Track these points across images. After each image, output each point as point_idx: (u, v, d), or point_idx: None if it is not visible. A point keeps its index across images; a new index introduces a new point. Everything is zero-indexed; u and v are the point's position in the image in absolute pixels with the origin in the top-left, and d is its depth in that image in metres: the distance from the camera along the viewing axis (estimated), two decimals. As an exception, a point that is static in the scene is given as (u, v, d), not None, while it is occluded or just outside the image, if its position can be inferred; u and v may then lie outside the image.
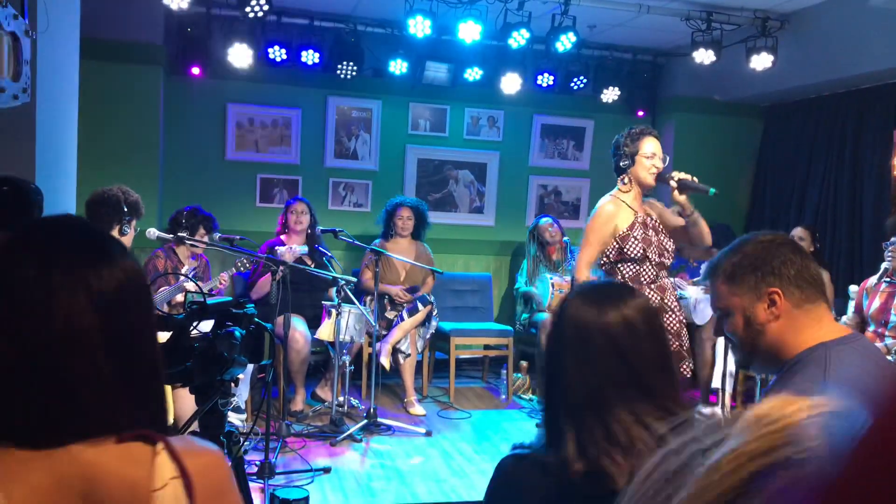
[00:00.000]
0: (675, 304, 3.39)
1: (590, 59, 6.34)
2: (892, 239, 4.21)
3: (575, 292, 1.35)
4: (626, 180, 3.41)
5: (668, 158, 3.43)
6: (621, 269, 3.33)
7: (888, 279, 4.23)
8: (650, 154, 3.35)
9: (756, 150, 6.75)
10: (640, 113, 6.69)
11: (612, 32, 6.01)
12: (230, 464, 0.97)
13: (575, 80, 6.22)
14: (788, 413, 0.49)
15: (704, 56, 5.45)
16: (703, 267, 5.75)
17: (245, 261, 4.58)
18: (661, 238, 3.38)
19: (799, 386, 1.48)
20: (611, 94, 6.30)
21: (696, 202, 3.42)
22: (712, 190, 3.26)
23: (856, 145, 5.65)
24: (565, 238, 6.05)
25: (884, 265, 4.24)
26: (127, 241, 3.60)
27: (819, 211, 5.94)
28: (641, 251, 3.29)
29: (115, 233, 3.57)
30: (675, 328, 3.32)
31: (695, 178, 3.31)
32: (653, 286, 3.32)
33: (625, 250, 3.30)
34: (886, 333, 4.19)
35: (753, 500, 0.46)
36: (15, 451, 0.86)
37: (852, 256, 5.66)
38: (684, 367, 3.32)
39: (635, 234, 3.30)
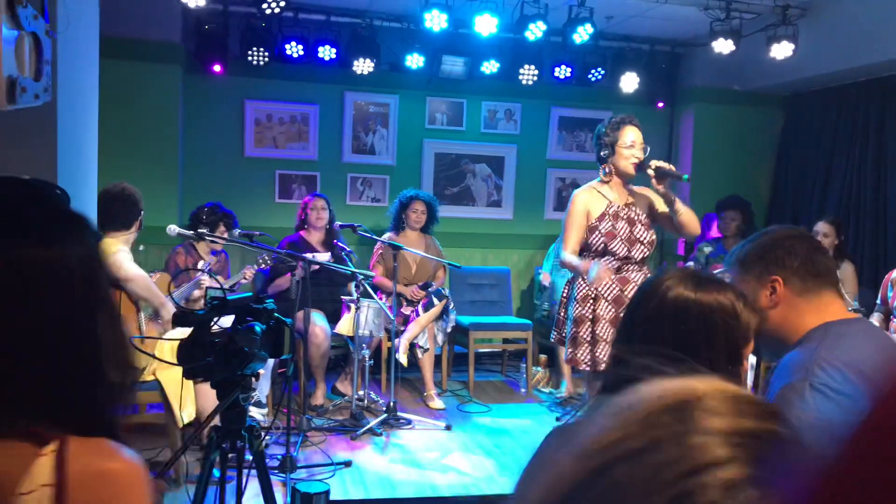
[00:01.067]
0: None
1: (607, 51, 6.30)
2: None
3: (671, 274, 1.37)
4: (606, 170, 3.48)
5: (648, 149, 3.47)
6: (585, 257, 3.44)
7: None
8: (630, 143, 3.40)
9: (777, 141, 6.68)
10: (660, 104, 6.64)
11: (630, 23, 5.96)
12: (144, 477, 0.86)
13: (592, 71, 6.18)
14: (652, 399, 0.44)
15: (724, 46, 5.40)
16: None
17: (267, 257, 4.61)
18: (637, 229, 3.43)
19: (793, 355, 1.57)
20: (629, 85, 6.26)
21: (722, 193, 3.43)
22: (685, 176, 3.34)
23: (879, 134, 5.57)
24: None
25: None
26: (132, 237, 3.64)
27: (842, 202, 5.86)
28: (602, 244, 3.39)
29: (133, 229, 3.61)
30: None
31: (672, 166, 3.34)
32: (614, 276, 3.40)
33: (589, 241, 3.40)
34: (911, 324, 4.14)
35: (595, 490, 0.42)
36: None
37: (876, 247, 5.58)
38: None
39: (601, 227, 3.40)
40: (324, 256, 4.85)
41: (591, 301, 3.41)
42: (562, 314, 3.60)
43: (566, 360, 3.55)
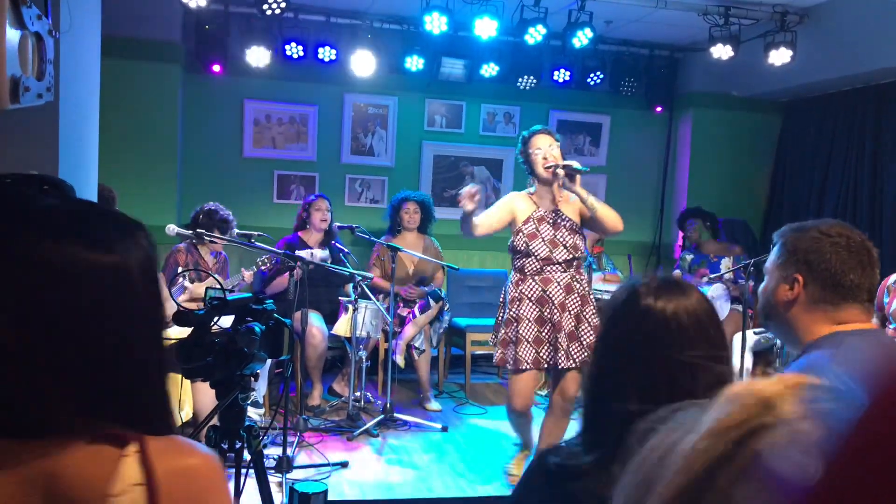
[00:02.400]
0: (561, 295, 3.56)
1: (606, 55, 6.32)
2: None
3: (638, 286, 1.32)
4: (531, 182, 3.72)
5: (558, 147, 3.65)
6: (513, 259, 3.68)
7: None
8: (537, 150, 3.60)
9: (774, 146, 6.70)
10: (658, 109, 6.67)
11: (629, 28, 5.98)
12: (222, 470, 0.90)
13: (591, 75, 6.20)
14: (760, 388, 0.53)
15: (722, 51, 5.42)
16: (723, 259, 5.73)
17: (267, 259, 4.61)
18: (562, 234, 3.60)
19: (807, 360, 1.56)
20: (628, 90, 6.28)
21: (719, 198, 3.48)
22: (585, 168, 3.51)
23: (875, 141, 5.60)
24: (600, 241, 6.02)
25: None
26: None
27: (838, 207, 5.89)
28: (524, 245, 3.58)
29: None
30: (555, 319, 3.54)
31: (575, 162, 3.54)
32: (536, 277, 3.59)
33: (514, 243, 3.62)
34: (906, 331, 4.16)
35: (734, 466, 0.50)
36: None
37: (872, 253, 5.60)
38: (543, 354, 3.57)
39: (524, 229, 3.60)
40: (321, 254, 4.87)
41: (518, 302, 3.58)
42: (499, 317, 3.76)
43: (495, 360, 3.74)
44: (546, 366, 3.58)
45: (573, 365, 3.58)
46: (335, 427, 4.62)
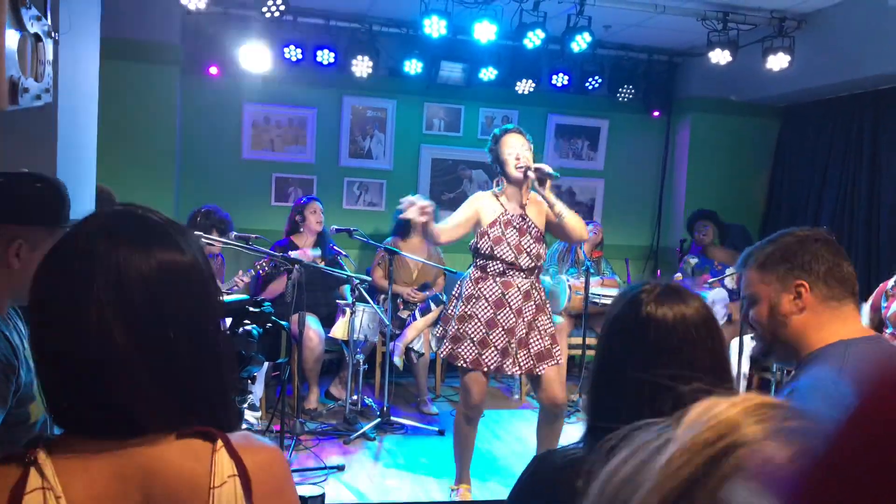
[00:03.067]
0: (519, 300, 3.53)
1: (605, 59, 6.33)
2: None
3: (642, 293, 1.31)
4: (499, 182, 3.68)
5: (531, 147, 3.63)
6: (475, 258, 3.63)
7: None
8: (510, 150, 3.58)
9: (772, 151, 6.72)
10: (656, 113, 6.67)
11: (628, 32, 5.99)
12: (287, 461, 0.96)
13: (590, 80, 6.21)
14: (723, 409, 0.54)
15: (720, 56, 5.43)
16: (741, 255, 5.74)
17: (264, 262, 4.59)
18: (525, 239, 3.57)
19: (815, 377, 1.50)
20: (626, 92, 6.29)
21: (717, 202, 3.47)
22: (556, 174, 3.49)
23: (873, 146, 5.61)
24: (599, 245, 6.01)
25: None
26: None
27: (836, 212, 5.90)
28: (489, 248, 3.54)
29: None
30: (509, 324, 3.50)
31: (547, 166, 3.50)
32: (497, 279, 3.55)
33: (478, 245, 3.58)
34: (904, 336, 4.16)
35: (709, 485, 0.51)
36: (82, 441, 0.87)
37: (869, 258, 5.62)
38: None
39: (490, 232, 3.56)
40: (313, 251, 4.89)
41: (474, 300, 3.55)
42: (449, 311, 3.72)
43: (443, 354, 3.67)
44: (487, 369, 3.53)
45: (519, 372, 3.55)
46: (332, 430, 4.61)
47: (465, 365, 3.52)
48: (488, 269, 3.57)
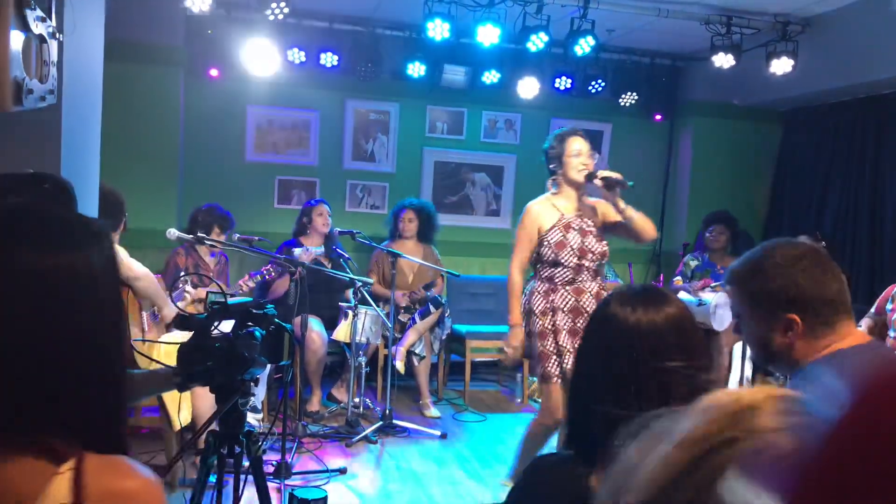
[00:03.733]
0: (593, 305, 3.41)
1: (608, 63, 6.33)
2: None
3: (613, 294, 1.35)
4: (556, 182, 3.56)
5: (597, 156, 3.53)
6: (539, 269, 3.51)
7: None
8: (576, 152, 3.46)
9: (775, 156, 6.71)
10: (658, 117, 6.67)
11: (631, 36, 5.99)
12: (161, 496, 0.85)
13: (593, 83, 6.21)
14: (738, 396, 0.55)
15: (724, 60, 5.43)
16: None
17: (271, 268, 4.58)
18: (588, 240, 3.48)
19: (813, 386, 1.49)
20: (629, 98, 6.29)
21: (719, 207, 3.44)
22: (630, 183, 3.37)
23: (876, 151, 5.60)
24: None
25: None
26: (117, 238, 3.63)
27: (839, 217, 5.89)
28: (552, 255, 3.44)
29: (119, 230, 3.60)
30: (580, 328, 3.36)
31: (619, 175, 3.40)
32: (568, 287, 3.45)
33: (540, 252, 3.46)
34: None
35: (695, 479, 0.52)
36: None
37: (872, 263, 5.60)
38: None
39: (549, 238, 3.45)
40: (317, 249, 4.89)
41: (551, 313, 3.44)
42: (528, 328, 3.58)
43: (538, 374, 3.52)
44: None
45: None
46: (334, 433, 4.61)
47: (557, 381, 3.41)
48: (556, 280, 3.46)
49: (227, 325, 2.02)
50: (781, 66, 5.41)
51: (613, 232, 3.59)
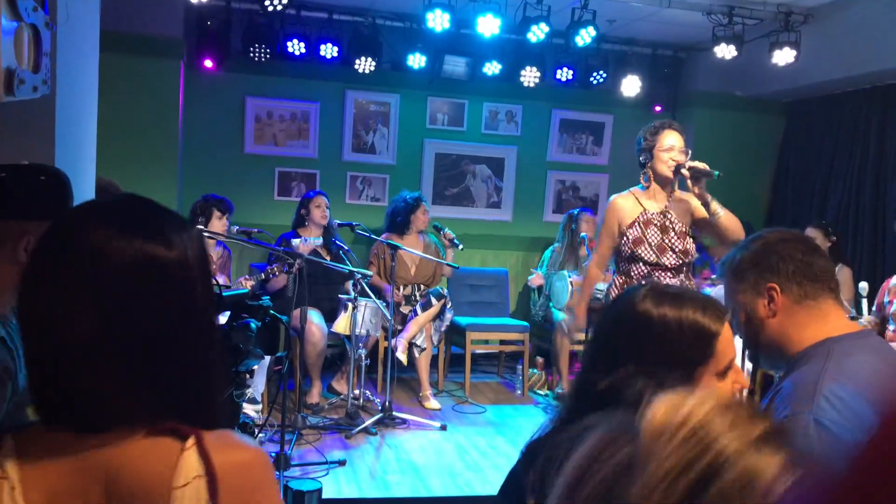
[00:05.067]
0: None
1: (609, 54, 6.29)
2: None
3: (645, 288, 1.33)
4: (646, 176, 3.43)
5: (689, 152, 3.39)
6: (619, 264, 3.46)
7: (911, 278, 4.18)
8: (668, 147, 3.35)
9: (777, 147, 6.68)
10: (657, 108, 6.63)
11: (633, 27, 5.96)
12: (271, 464, 0.94)
13: (594, 74, 6.18)
14: (685, 415, 0.50)
15: (726, 51, 5.39)
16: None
17: (276, 268, 4.55)
18: (670, 237, 3.38)
19: (797, 379, 1.47)
20: (631, 89, 6.25)
21: (721, 198, 3.38)
22: (716, 173, 3.25)
23: (879, 142, 5.57)
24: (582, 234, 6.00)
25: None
26: None
27: (841, 208, 5.86)
28: (629, 250, 3.37)
29: None
30: None
31: (705, 165, 3.27)
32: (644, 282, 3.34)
33: (619, 247, 3.41)
34: (908, 333, 4.13)
35: None
36: (51, 434, 0.86)
37: (875, 254, 5.58)
38: None
39: (629, 233, 3.38)
40: (316, 240, 4.88)
41: None
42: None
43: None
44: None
45: None
46: (334, 425, 4.61)
47: None
48: (632, 274, 3.40)
49: (222, 318, 2.01)
50: (784, 56, 5.37)
51: (702, 230, 3.48)
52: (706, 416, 0.49)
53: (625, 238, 3.38)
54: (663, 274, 3.38)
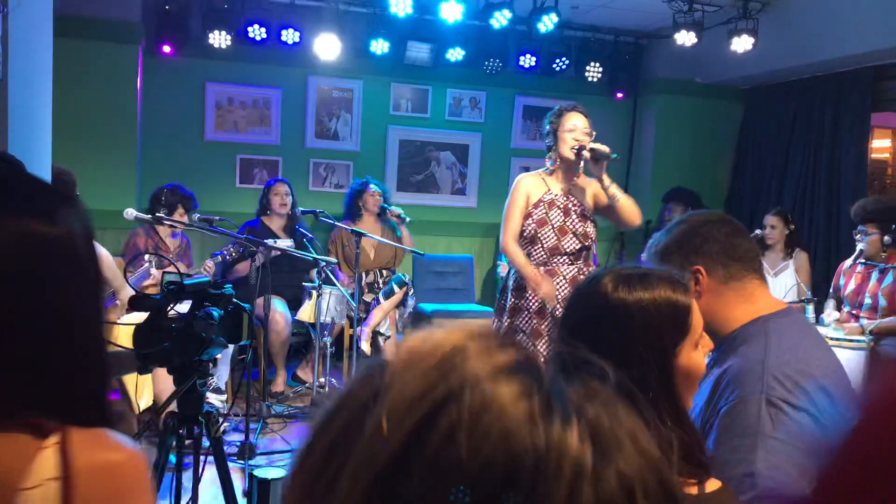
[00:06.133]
0: (566, 289, 3.33)
1: (572, 41, 6.32)
2: (860, 227, 4.27)
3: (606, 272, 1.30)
4: (552, 160, 3.49)
5: (594, 134, 3.43)
6: (522, 246, 3.43)
7: (862, 261, 4.29)
8: (571, 128, 3.40)
9: (737, 132, 6.78)
10: (619, 95, 6.69)
11: (595, 13, 5.99)
12: (146, 468, 0.85)
13: (557, 61, 6.20)
14: (434, 344, 0.48)
15: (686, 38, 5.45)
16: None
17: (232, 249, 4.51)
18: (571, 220, 3.40)
19: (743, 359, 1.48)
20: (593, 76, 6.29)
21: (682, 183, 3.44)
22: (615, 155, 3.32)
23: (834, 128, 5.70)
24: None
25: (858, 247, 4.30)
26: None
27: (798, 194, 5.99)
28: (532, 231, 3.38)
29: None
30: (549, 310, 3.31)
31: (605, 147, 3.33)
32: (540, 269, 3.36)
33: (523, 227, 3.41)
34: (861, 314, 4.25)
35: (425, 445, 0.44)
36: None
37: (829, 239, 5.72)
38: (540, 345, 3.33)
39: (534, 213, 3.40)
40: (286, 243, 4.80)
41: (522, 290, 3.40)
42: (501, 302, 3.58)
43: None
44: (544, 360, 3.43)
45: None
46: (299, 413, 4.59)
47: None
48: (531, 258, 3.40)
49: (184, 306, 1.99)
50: (742, 44, 5.45)
51: (602, 214, 3.52)
52: (454, 344, 0.47)
53: (530, 218, 3.41)
54: (562, 260, 3.40)
